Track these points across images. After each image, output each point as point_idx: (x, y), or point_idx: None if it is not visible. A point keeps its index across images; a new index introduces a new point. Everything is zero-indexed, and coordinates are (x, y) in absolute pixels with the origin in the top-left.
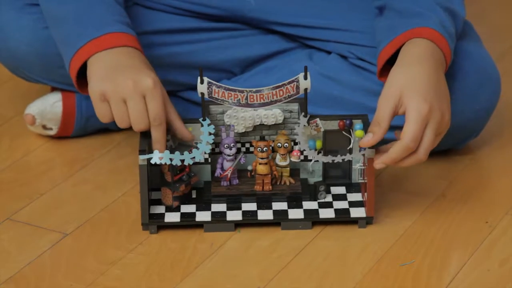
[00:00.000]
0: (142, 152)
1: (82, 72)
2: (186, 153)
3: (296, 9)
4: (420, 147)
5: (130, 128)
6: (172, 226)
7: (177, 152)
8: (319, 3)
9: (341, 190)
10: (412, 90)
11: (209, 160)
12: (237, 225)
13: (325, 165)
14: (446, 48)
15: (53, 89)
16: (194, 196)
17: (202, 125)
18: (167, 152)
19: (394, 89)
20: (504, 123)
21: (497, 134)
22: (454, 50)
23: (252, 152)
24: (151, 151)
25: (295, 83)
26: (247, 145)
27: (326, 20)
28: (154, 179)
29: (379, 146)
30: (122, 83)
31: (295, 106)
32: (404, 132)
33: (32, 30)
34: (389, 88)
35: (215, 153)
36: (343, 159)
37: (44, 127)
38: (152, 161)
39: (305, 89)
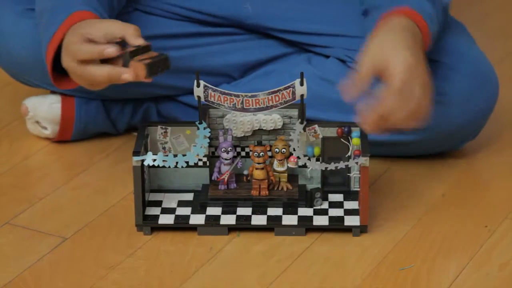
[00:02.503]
0: (136, 153)
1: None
2: (179, 155)
3: (293, 16)
4: (412, 98)
5: (129, 131)
6: (170, 229)
7: (170, 154)
8: (315, 10)
9: (338, 197)
10: (397, 43)
11: (208, 164)
12: (233, 229)
13: (323, 172)
14: (423, 26)
15: (53, 93)
16: (191, 199)
17: (198, 128)
18: (161, 154)
19: (375, 48)
20: (502, 127)
21: (495, 137)
22: (448, 51)
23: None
24: (145, 153)
25: (291, 89)
26: (247, 149)
27: (323, 26)
28: (151, 181)
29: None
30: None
31: (294, 112)
32: (391, 77)
33: (32, 35)
34: (369, 48)
35: (215, 156)
36: (336, 167)
37: (38, 123)
38: (145, 163)
39: (301, 95)
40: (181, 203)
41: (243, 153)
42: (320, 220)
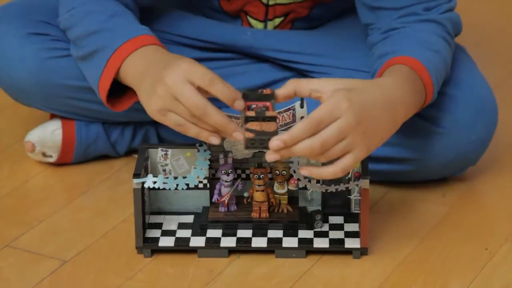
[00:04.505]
0: (136, 175)
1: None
2: (180, 177)
3: (293, 48)
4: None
5: (129, 154)
6: (170, 251)
7: (171, 177)
8: (316, 43)
9: (339, 219)
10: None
11: (208, 186)
12: (233, 251)
13: (324, 194)
14: (427, 80)
15: (53, 116)
16: (191, 221)
17: (198, 150)
18: (161, 176)
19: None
20: (502, 149)
21: (495, 160)
22: (447, 79)
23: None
24: (145, 175)
25: (292, 111)
26: (248, 171)
27: (323, 59)
28: (152, 203)
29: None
30: (162, 91)
31: None
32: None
33: (35, 60)
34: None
35: (215, 178)
36: (336, 189)
37: (44, 154)
38: (146, 185)
39: (302, 118)
40: (181, 225)
41: (243, 175)
42: (321, 242)
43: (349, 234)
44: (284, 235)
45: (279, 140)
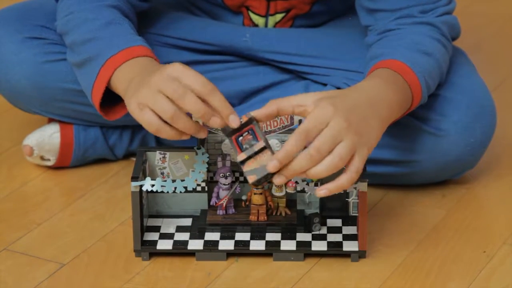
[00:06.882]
0: (134, 179)
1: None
2: (178, 180)
3: (292, 50)
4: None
5: (127, 157)
6: (168, 254)
7: (169, 180)
8: (314, 45)
9: (337, 222)
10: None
11: (206, 189)
12: (231, 254)
13: (322, 197)
14: (413, 81)
15: (50, 120)
16: (190, 224)
17: (196, 154)
18: (159, 179)
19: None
20: (501, 152)
21: (494, 163)
22: (445, 83)
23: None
24: (143, 178)
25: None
26: None
27: (321, 60)
28: (150, 206)
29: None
30: (145, 89)
31: None
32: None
33: (32, 64)
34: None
35: (213, 181)
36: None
37: (42, 158)
38: (144, 188)
39: (299, 120)
40: (180, 228)
41: (241, 178)
42: (319, 245)
43: (347, 237)
44: (282, 238)
45: (275, 160)
